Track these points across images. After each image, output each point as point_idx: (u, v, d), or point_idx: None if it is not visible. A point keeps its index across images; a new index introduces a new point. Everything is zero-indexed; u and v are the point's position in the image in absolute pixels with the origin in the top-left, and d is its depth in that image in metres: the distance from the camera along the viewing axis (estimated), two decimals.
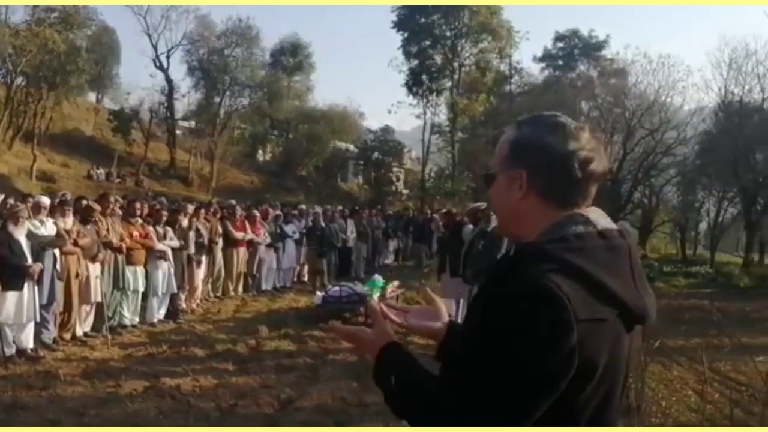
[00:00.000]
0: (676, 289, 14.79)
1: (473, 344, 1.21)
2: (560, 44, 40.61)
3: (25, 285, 6.52)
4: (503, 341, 1.15)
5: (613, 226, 1.32)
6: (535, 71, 39.19)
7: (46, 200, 7.55)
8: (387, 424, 4.85)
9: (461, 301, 8.69)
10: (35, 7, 27.84)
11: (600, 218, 1.31)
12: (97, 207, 8.07)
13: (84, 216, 7.76)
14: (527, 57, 65.00)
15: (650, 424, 4.95)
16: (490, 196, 1.42)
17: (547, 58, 40.72)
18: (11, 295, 6.48)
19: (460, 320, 2.23)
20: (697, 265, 20.63)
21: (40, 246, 6.82)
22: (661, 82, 23.60)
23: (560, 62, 40.00)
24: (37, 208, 7.20)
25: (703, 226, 28.39)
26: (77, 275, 7.43)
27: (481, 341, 1.19)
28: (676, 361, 7.40)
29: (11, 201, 9.46)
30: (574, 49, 40.04)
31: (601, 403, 1.24)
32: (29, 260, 6.59)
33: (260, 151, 44.19)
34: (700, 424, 4.86)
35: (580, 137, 1.31)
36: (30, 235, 6.75)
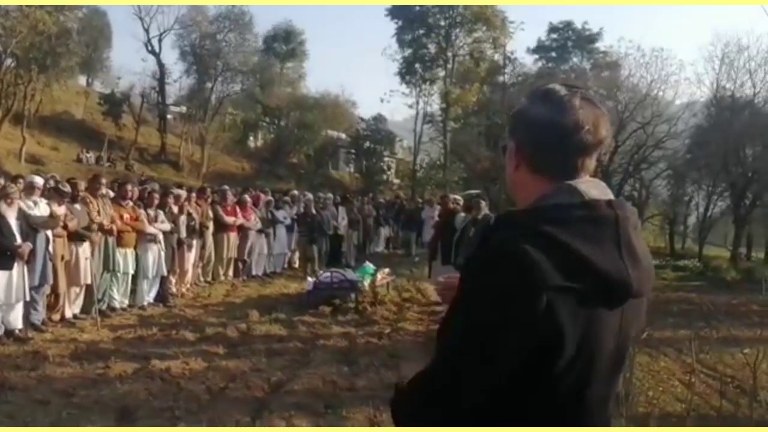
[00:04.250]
0: (664, 282, 14.88)
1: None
2: (554, 36, 40.62)
3: (15, 265, 6.49)
4: (466, 303, 1.20)
5: (605, 197, 1.27)
6: (529, 62, 39.09)
7: (39, 180, 7.49)
8: (377, 408, 4.87)
9: None
10: None
11: (592, 189, 1.27)
12: (81, 184, 8.11)
13: (72, 196, 7.72)
14: (521, 48, 64.79)
15: (637, 413, 4.99)
16: None
17: (540, 49, 40.68)
18: (0, 275, 6.45)
19: None
20: (685, 259, 20.73)
21: (32, 227, 6.77)
22: (653, 75, 23.55)
23: (554, 54, 39.97)
24: (30, 189, 7.16)
25: (692, 219, 28.54)
26: (62, 257, 7.39)
27: (452, 306, 1.24)
28: (663, 352, 7.45)
29: (1, 181, 9.37)
30: (567, 41, 40.07)
31: (579, 379, 1.20)
32: (18, 240, 6.55)
33: (251, 138, 43.94)
34: (687, 414, 4.90)
35: (571, 106, 1.28)
36: (23, 216, 6.70)
